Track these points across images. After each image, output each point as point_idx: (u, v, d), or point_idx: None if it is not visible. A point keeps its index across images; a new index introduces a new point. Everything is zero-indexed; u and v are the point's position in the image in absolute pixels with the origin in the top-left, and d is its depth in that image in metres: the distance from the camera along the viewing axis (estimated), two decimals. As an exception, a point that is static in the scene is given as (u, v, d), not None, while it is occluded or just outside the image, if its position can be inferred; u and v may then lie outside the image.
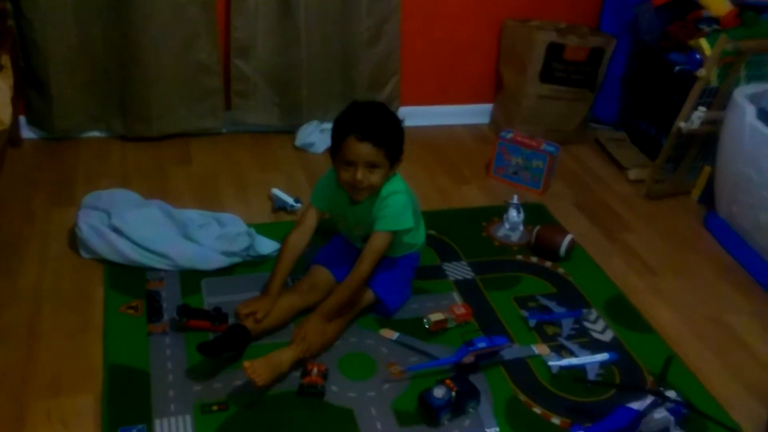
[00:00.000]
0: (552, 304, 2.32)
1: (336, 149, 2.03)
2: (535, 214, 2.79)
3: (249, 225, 2.48)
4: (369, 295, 2.17)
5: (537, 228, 2.61)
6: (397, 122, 2.06)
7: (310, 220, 2.18)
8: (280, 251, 2.17)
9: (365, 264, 2.08)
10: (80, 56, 2.86)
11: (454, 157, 3.24)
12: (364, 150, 1.97)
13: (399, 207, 2.09)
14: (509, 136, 3.02)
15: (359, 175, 1.99)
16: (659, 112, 3.16)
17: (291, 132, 3.19)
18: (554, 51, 3.15)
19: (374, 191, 2.07)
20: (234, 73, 3.06)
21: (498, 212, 2.79)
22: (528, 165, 2.98)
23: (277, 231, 2.47)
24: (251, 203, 2.74)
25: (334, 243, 2.33)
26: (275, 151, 3.13)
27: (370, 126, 1.98)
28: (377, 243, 2.09)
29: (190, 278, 2.30)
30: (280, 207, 2.69)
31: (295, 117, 3.19)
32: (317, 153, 3.08)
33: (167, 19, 2.85)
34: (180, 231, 2.40)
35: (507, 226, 2.72)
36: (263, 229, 2.51)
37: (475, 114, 3.54)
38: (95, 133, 3.08)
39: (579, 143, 3.38)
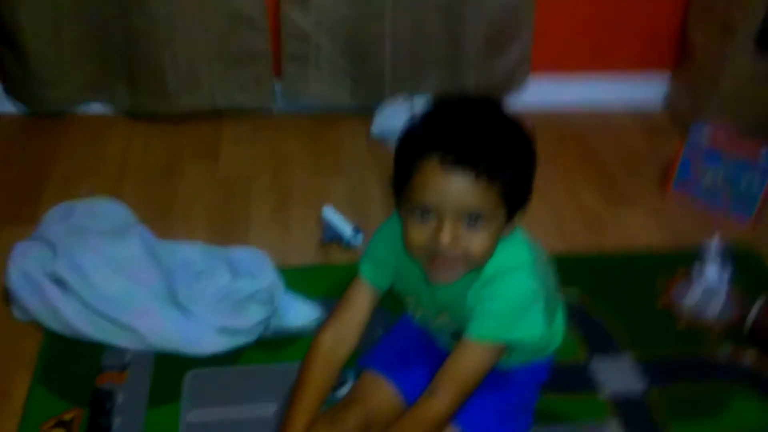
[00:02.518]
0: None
1: (403, 183, 1.04)
2: (743, 264, 1.70)
3: (280, 268, 1.56)
4: (454, 438, 1.18)
5: (760, 303, 1.52)
6: (524, 133, 1.04)
7: (359, 308, 1.23)
8: (303, 364, 1.22)
9: (445, 395, 1.11)
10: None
11: (609, 159, 2.15)
12: (458, 187, 0.98)
13: (518, 302, 1.10)
14: (705, 133, 1.90)
15: (446, 236, 1.00)
16: None
17: (367, 113, 2.20)
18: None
19: (474, 266, 1.07)
20: (287, 28, 2.10)
21: (683, 260, 1.72)
22: (734, 181, 1.86)
23: (321, 281, 1.57)
24: (291, 229, 1.80)
25: (405, 329, 1.36)
26: (341, 142, 2.16)
27: (473, 141, 0.98)
28: (470, 361, 1.12)
29: (169, 368, 1.42)
30: (331, 239, 1.74)
31: (374, 92, 2.20)
32: (403, 147, 2.07)
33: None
34: (162, 286, 1.49)
35: (701, 289, 1.64)
36: (301, 277, 1.59)
37: (642, 90, 2.42)
38: (95, 108, 2.21)
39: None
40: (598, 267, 1.72)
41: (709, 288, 1.64)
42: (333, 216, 1.75)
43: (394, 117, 2.12)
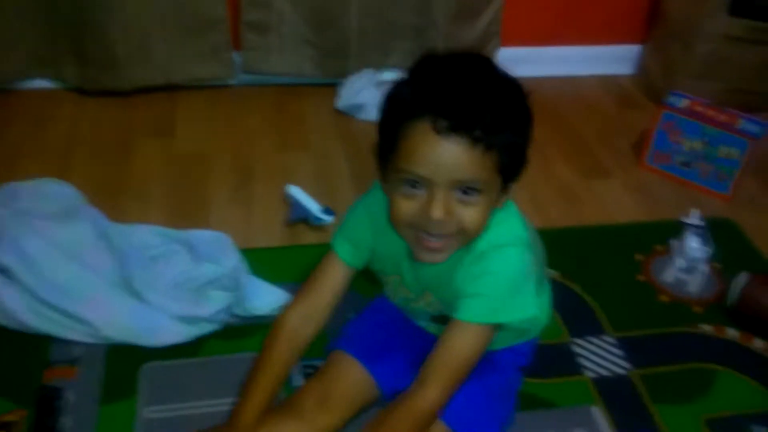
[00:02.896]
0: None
1: (388, 151, 0.95)
2: (723, 238, 1.65)
3: (244, 250, 1.46)
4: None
5: (743, 278, 1.47)
6: (520, 91, 0.96)
7: (329, 287, 1.14)
8: (265, 344, 1.13)
9: (436, 385, 1.04)
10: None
11: (582, 131, 2.09)
12: (451, 155, 0.89)
13: (511, 280, 1.02)
14: (682, 103, 1.84)
15: (437, 210, 0.92)
16: None
17: (332, 85, 2.09)
18: (759, -38, 1.92)
19: (466, 242, 0.98)
20: (246, -6, 1.97)
21: (662, 234, 1.67)
22: (711, 153, 1.81)
23: (288, 264, 1.48)
24: (255, 209, 1.70)
25: (378, 311, 1.27)
26: (306, 117, 2.05)
27: (468, 102, 0.89)
28: (461, 347, 1.04)
29: (123, 361, 1.31)
30: (297, 218, 1.64)
31: (339, 63, 2.09)
32: (370, 120, 1.97)
33: None
34: (116, 272, 1.38)
35: (680, 264, 1.59)
36: (266, 260, 1.50)
37: (614, 60, 2.36)
38: (40, 84, 2.07)
39: (774, 111, 2.15)
40: (576, 243, 1.66)
41: (689, 263, 1.59)
42: (299, 194, 1.65)
43: (361, 90, 2.03)
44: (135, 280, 1.37)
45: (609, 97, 2.26)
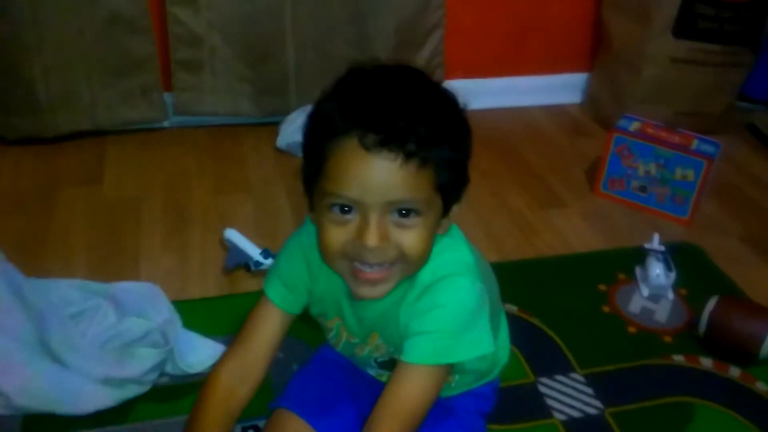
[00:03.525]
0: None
1: (314, 174, 0.85)
2: (688, 263, 1.58)
3: (178, 302, 1.34)
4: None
5: (711, 303, 1.39)
6: (454, 102, 0.86)
7: (264, 338, 1.02)
8: (194, 408, 1.00)
9: None
10: None
11: (534, 161, 2.02)
12: (383, 173, 0.79)
13: (462, 313, 0.91)
14: (634, 126, 1.79)
15: (372, 236, 0.81)
16: None
17: (272, 124, 1.99)
18: (699, -15, 1.91)
19: (408, 272, 0.87)
20: (175, 29, 1.87)
21: (624, 262, 1.60)
22: (667, 176, 1.75)
23: (226, 315, 1.36)
24: (190, 256, 1.57)
25: (325, 361, 1.15)
26: (244, 157, 1.94)
27: (398, 114, 0.79)
28: (410, 392, 0.92)
29: (41, 433, 1.16)
30: (236, 264, 1.51)
31: (278, 100, 2.00)
32: (313, 159, 1.86)
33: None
34: (30, 333, 1.23)
35: (646, 292, 1.51)
36: (202, 311, 1.38)
37: (561, 89, 2.31)
38: (-44, 134, 1.92)
39: (725, 132, 2.11)
40: (535, 275, 1.57)
41: (654, 291, 1.51)
42: (237, 238, 1.53)
43: (300, 129, 1.92)
44: (52, 341, 1.22)
45: (559, 127, 2.21)
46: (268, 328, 1.00)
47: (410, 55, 2.03)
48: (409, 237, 0.82)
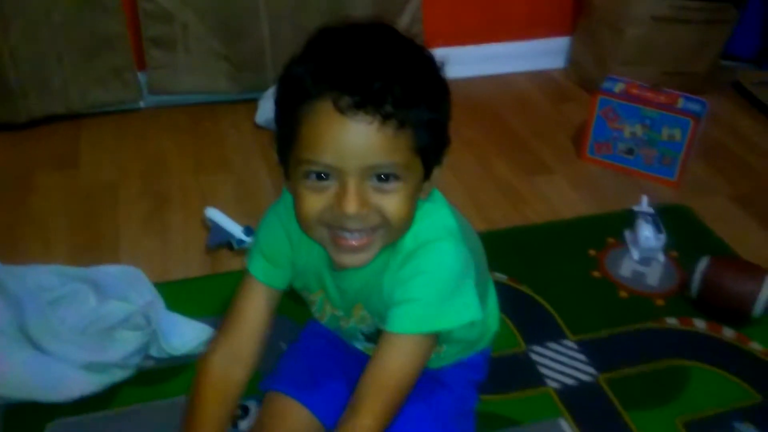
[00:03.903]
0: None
1: (289, 141, 0.81)
2: (677, 224, 1.56)
3: (160, 284, 1.31)
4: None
5: (703, 263, 1.37)
6: (431, 60, 0.82)
7: (253, 317, 0.98)
8: (191, 396, 0.96)
9: (370, 410, 0.87)
10: None
11: (519, 128, 1.99)
12: (360, 136, 0.75)
13: (446, 279, 0.87)
14: (618, 87, 1.76)
15: (351, 202, 0.77)
16: None
17: (250, 101, 1.95)
18: (681, -60, 1.87)
19: (391, 237, 0.84)
20: (144, 6, 1.82)
21: (613, 226, 1.58)
22: (654, 137, 1.72)
23: (210, 295, 1.32)
24: (171, 237, 1.53)
25: (312, 337, 1.12)
26: (222, 136, 1.90)
27: (373, 74, 0.75)
28: (395, 363, 0.88)
29: (25, 422, 1.14)
30: (218, 243, 1.48)
31: (256, 75, 1.95)
32: (294, 134, 1.83)
33: None
34: (8, 320, 1.20)
35: (636, 255, 1.49)
36: (185, 292, 1.35)
37: (543, 54, 2.28)
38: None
39: (711, 92, 2.07)
40: (523, 243, 1.54)
41: (645, 254, 1.49)
42: (219, 216, 1.49)
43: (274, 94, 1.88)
44: (31, 327, 1.19)
45: (542, 92, 2.17)
46: (255, 306, 0.97)
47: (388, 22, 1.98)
48: (390, 202, 0.79)
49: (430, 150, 0.81)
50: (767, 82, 2.17)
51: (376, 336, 0.98)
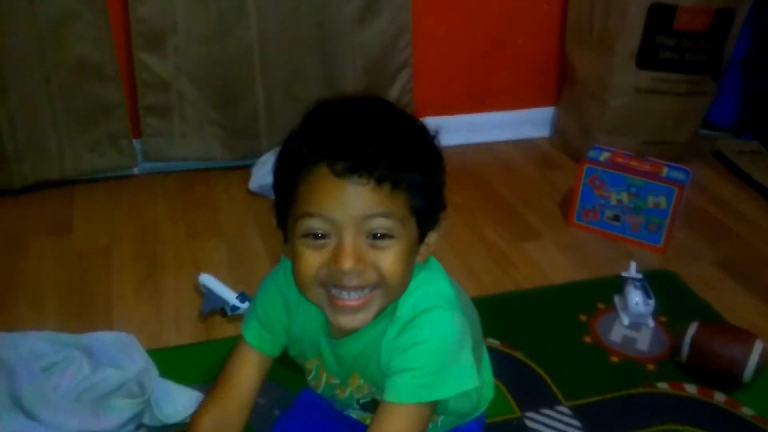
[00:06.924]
0: None
1: (287, 204, 0.84)
2: (665, 290, 1.59)
3: (153, 351, 1.31)
4: None
5: (692, 329, 1.39)
6: (425, 130, 0.86)
7: (243, 383, 0.99)
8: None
9: None
10: None
11: (507, 195, 2.03)
12: (355, 197, 0.79)
13: (444, 348, 0.89)
14: (604, 156, 1.81)
15: (347, 258, 0.79)
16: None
17: (244, 167, 1.98)
18: (660, 17, 1.95)
19: (388, 297, 0.86)
20: (142, 75, 1.86)
21: (602, 292, 1.60)
22: (639, 205, 1.77)
23: (203, 362, 1.32)
24: (164, 303, 1.54)
25: (307, 406, 1.11)
26: (216, 202, 1.92)
27: (367, 141, 0.79)
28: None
29: (11, 495, 1.11)
30: (212, 309, 1.48)
31: (249, 142, 1.99)
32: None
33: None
34: (1, 388, 1.19)
35: (627, 320, 1.51)
36: (179, 359, 1.35)
37: (529, 123, 2.34)
38: None
39: (692, 160, 2.13)
40: (515, 308, 1.56)
41: (635, 319, 1.51)
42: (212, 282, 1.50)
43: (272, 166, 1.91)
44: (24, 396, 1.18)
45: (529, 160, 2.23)
46: (246, 372, 0.98)
47: (379, 94, 2.04)
48: (386, 258, 0.81)
49: (425, 212, 0.84)
50: (746, 151, 2.24)
51: (371, 405, 0.98)
